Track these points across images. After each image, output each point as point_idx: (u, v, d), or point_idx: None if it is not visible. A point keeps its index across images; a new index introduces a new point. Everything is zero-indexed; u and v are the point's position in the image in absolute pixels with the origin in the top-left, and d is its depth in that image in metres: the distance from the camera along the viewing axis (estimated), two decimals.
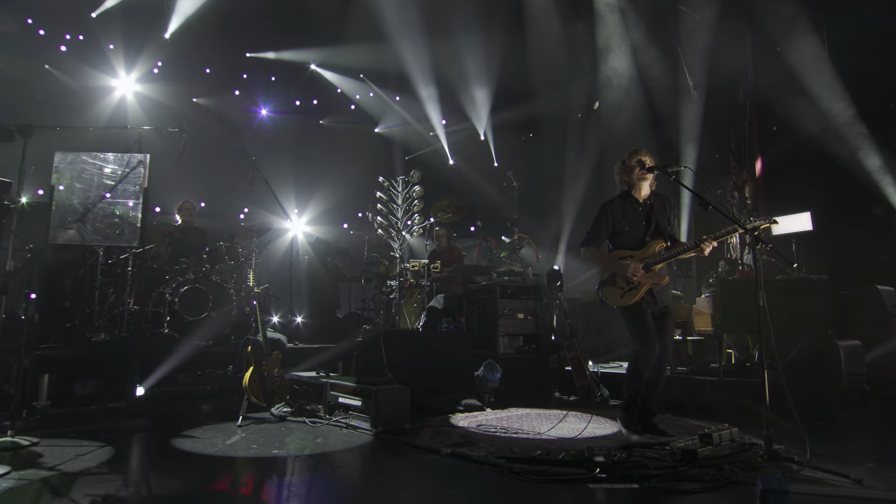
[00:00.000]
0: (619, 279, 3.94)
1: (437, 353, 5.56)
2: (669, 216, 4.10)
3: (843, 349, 4.69)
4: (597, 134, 11.36)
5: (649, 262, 3.90)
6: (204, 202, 11.02)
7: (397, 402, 4.21)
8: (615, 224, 4.03)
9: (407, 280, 7.19)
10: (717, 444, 3.47)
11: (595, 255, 4.03)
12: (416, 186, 7.33)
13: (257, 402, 4.30)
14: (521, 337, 6.13)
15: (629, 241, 4.02)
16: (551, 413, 5.02)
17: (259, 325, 4.47)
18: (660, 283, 3.92)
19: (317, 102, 12.87)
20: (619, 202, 4.07)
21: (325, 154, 12.53)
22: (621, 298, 3.94)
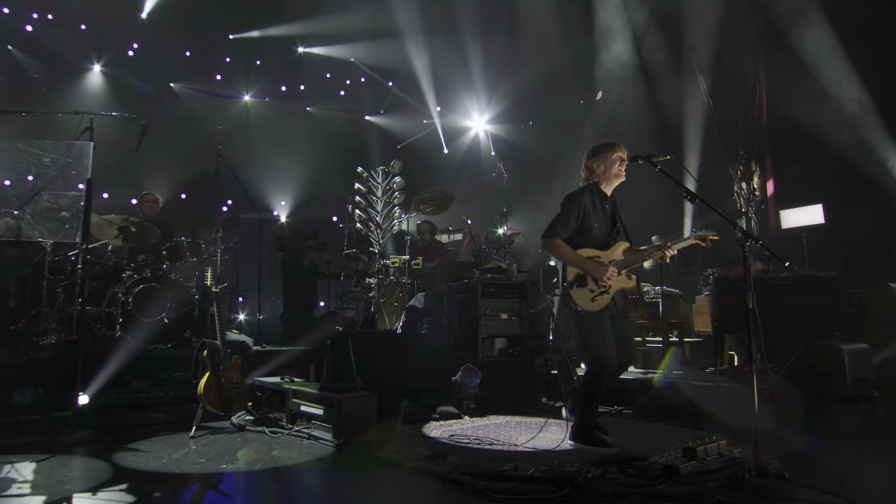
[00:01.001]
0: (590, 281, 3.80)
1: (415, 356, 5.46)
2: (622, 217, 4.04)
3: (847, 353, 4.56)
4: (596, 124, 11.21)
5: (619, 264, 3.80)
6: (185, 194, 10.98)
7: (362, 411, 4.10)
8: (585, 219, 3.86)
9: (387, 277, 7.07)
10: (702, 458, 3.35)
11: (564, 250, 3.82)
12: (397, 177, 7.23)
13: (214, 411, 4.19)
14: (505, 339, 6.01)
15: (595, 239, 3.88)
16: (533, 421, 4.91)
17: (217, 327, 4.36)
18: (628, 287, 3.83)
19: (304, 88, 12.72)
20: (590, 196, 3.92)
21: (312, 142, 12.41)
22: (592, 302, 3.80)
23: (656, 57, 10.46)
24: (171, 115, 10.52)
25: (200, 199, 10.60)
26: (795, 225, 9.10)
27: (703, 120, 10.19)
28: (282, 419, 4.42)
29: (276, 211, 12.22)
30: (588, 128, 11.17)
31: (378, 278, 6.83)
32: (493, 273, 6.37)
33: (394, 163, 7.22)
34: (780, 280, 6.36)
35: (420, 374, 5.36)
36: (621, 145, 3.95)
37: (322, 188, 11.01)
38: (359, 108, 13.36)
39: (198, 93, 11.31)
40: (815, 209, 8.95)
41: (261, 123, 12.07)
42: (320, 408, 4.11)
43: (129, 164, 9.36)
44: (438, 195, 7.28)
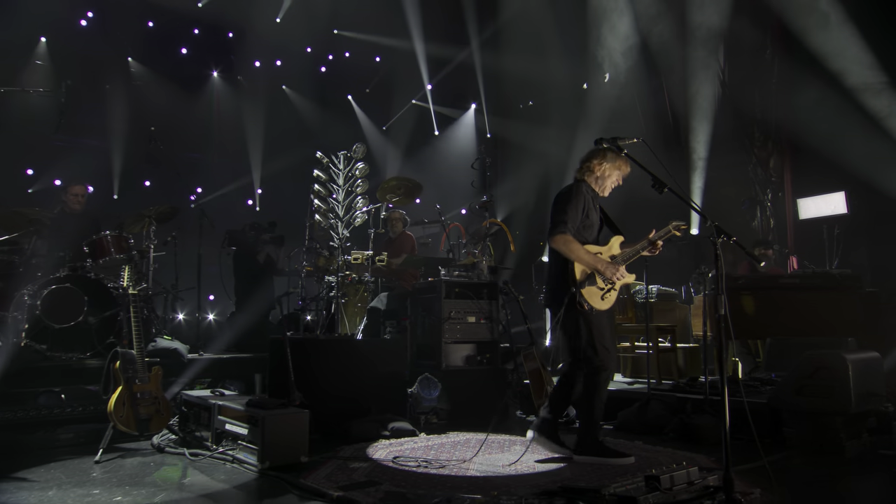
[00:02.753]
0: (598, 278, 3.89)
1: (369, 365, 5.29)
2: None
3: (851, 364, 4.35)
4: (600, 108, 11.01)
5: (620, 259, 3.94)
6: (149, 181, 10.83)
7: (292, 430, 3.94)
8: (588, 214, 4.00)
9: (348, 275, 6.90)
10: (666, 488, 3.17)
11: (575, 246, 3.85)
12: (360, 163, 7.02)
13: (126, 431, 4.03)
14: (473, 344, 5.84)
15: (592, 236, 4.02)
16: (496, 439, 4.75)
17: (133, 335, 4.19)
18: (631, 282, 4.05)
19: (280, 64, 12.51)
20: (590, 192, 4.07)
21: (288, 124, 12.24)
22: (602, 301, 3.92)
23: (661, 29, 10.22)
24: (121, 94, 10.34)
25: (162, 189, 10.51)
26: (815, 215, 8.89)
27: (714, 97, 9.98)
28: (207, 439, 4.26)
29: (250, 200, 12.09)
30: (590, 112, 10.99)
31: (339, 276, 6.65)
32: (461, 271, 6.19)
33: (356, 147, 7.00)
34: (788, 279, 6.17)
35: (374, 385, 5.21)
36: (629, 164, 3.95)
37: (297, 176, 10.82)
38: (342, 87, 13.18)
39: (156, 69, 11.08)
40: (836, 197, 8.73)
41: (229, 104, 11.89)
42: (245, 427, 3.95)
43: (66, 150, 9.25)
44: (406, 183, 7.10)
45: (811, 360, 4.55)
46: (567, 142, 10.55)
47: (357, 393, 5.10)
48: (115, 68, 10.53)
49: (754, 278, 6.28)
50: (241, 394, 5.30)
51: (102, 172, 10.24)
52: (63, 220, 5.72)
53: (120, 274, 4.20)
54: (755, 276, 6.49)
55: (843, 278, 6.04)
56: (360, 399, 5.08)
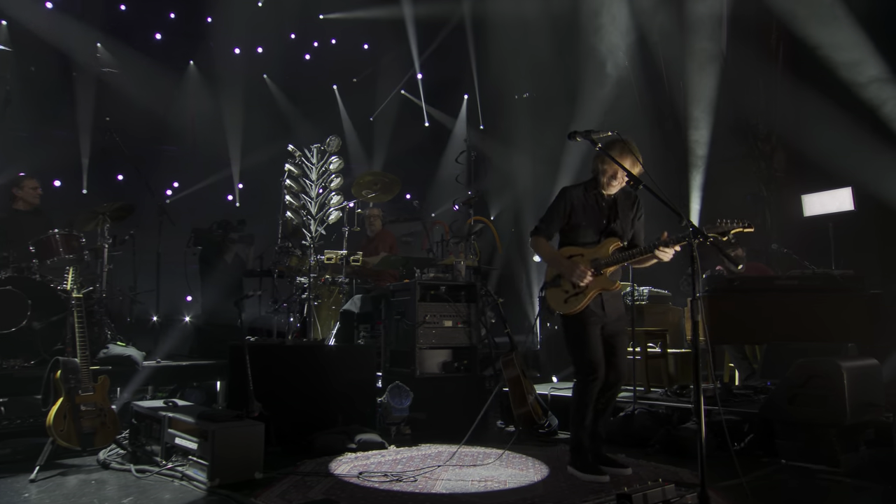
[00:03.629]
0: (564, 280, 3.90)
1: (339, 372, 5.21)
2: (634, 218, 4.05)
3: (847, 372, 4.26)
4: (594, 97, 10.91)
5: (600, 263, 3.84)
6: (122, 175, 10.71)
7: (246, 445, 3.84)
8: (572, 216, 4.00)
9: (321, 276, 6.80)
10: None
11: (544, 248, 4.03)
12: (335, 157, 6.93)
13: (67, 446, 3.93)
14: (450, 350, 5.75)
15: (582, 238, 4.00)
16: (470, 452, 4.67)
17: (77, 342, 4.09)
18: (609, 289, 3.86)
19: (262, 51, 12.39)
20: (583, 191, 4.03)
21: (269, 115, 12.12)
22: (565, 304, 3.91)
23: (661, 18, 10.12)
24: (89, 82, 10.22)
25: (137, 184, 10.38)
26: (820, 212, 8.81)
27: (716, 88, 9.87)
28: (159, 454, 4.17)
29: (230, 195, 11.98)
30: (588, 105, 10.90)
31: (311, 277, 6.56)
32: (441, 271, 6.10)
33: (330, 140, 6.91)
34: (786, 280, 6.08)
35: (342, 394, 5.12)
36: (621, 155, 3.77)
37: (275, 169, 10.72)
38: (327, 76, 13.05)
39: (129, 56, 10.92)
40: (843, 193, 8.64)
41: (206, 93, 11.75)
42: (196, 441, 3.85)
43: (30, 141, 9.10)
44: (382, 179, 6.99)
45: (804, 368, 4.47)
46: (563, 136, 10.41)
47: (323, 403, 5.02)
48: (83, 54, 10.39)
49: (751, 280, 6.19)
50: (201, 404, 5.22)
51: (70, 166, 10.15)
52: (12, 217, 5.60)
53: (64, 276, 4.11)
54: (751, 277, 6.39)
55: (844, 280, 5.96)
56: (327, 409, 5.00)
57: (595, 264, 3.84)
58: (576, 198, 4.00)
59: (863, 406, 4.39)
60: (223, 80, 11.73)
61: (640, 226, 4.07)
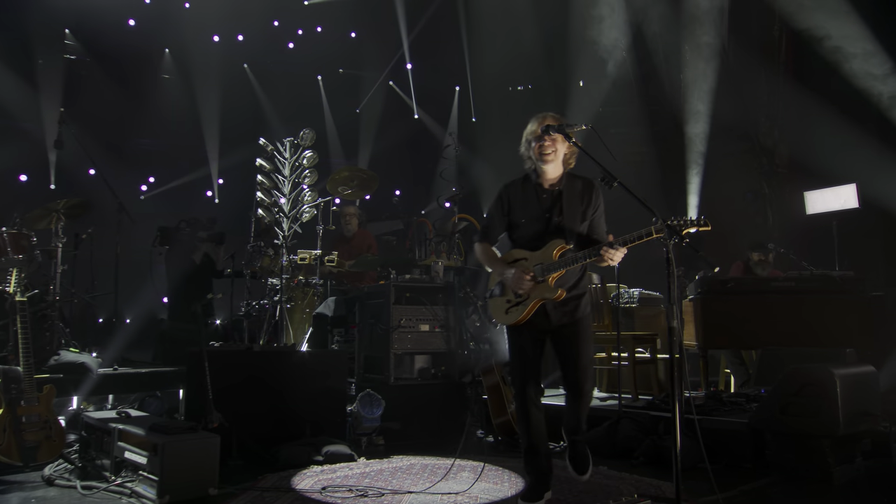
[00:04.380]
0: (506, 289, 3.65)
1: (308, 380, 5.16)
2: (586, 210, 3.63)
3: (840, 379, 4.20)
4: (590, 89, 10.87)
5: (543, 269, 3.52)
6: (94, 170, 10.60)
7: (199, 458, 3.77)
8: (511, 214, 3.71)
9: (294, 277, 6.73)
10: None
11: (484, 254, 3.76)
12: (308, 152, 6.86)
13: (7, 461, 3.84)
14: (427, 356, 5.70)
15: (527, 238, 3.67)
16: (444, 464, 4.60)
17: (21, 349, 4.00)
18: (551, 298, 3.50)
19: (242, 39, 12.26)
20: (520, 186, 3.73)
21: (250, 107, 12.02)
22: (506, 315, 3.63)
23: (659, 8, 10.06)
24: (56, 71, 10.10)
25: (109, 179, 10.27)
26: (823, 210, 8.76)
27: (716, 79, 9.80)
28: (108, 468, 4.08)
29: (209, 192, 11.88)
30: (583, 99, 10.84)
31: (283, 278, 6.48)
32: (420, 273, 6.03)
33: (304, 133, 6.84)
34: (782, 282, 6.02)
35: (311, 403, 5.07)
36: (538, 117, 3.61)
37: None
38: (311, 66, 12.94)
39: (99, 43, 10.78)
40: (847, 190, 8.59)
41: (183, 84, 11.64)
42: (145, 455, 3.77)
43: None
44: (359, 175, 6.93)
45: (796, 376, 4.42)
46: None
47: (290, 412, 4.96)
48: (50, 41, 10.25)
49: (745, 281, 6.13)
50: (161, 414, 5.14)
51: (38, 160, 10.03)
52: None
53: (8, 276, 4.02)
54: (746, 279, 6.33)
55: (843, 281, 5.92)
56: (294, 419, 4.94)
57: (537, 270, 3.52)
58: (513, 193, 3.71)
59: (858, 415, 4.33)
60: (201, 69, 11.59)
61: (598, 220, 3.66)
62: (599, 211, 3.67)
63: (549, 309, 3.56)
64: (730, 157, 10.08)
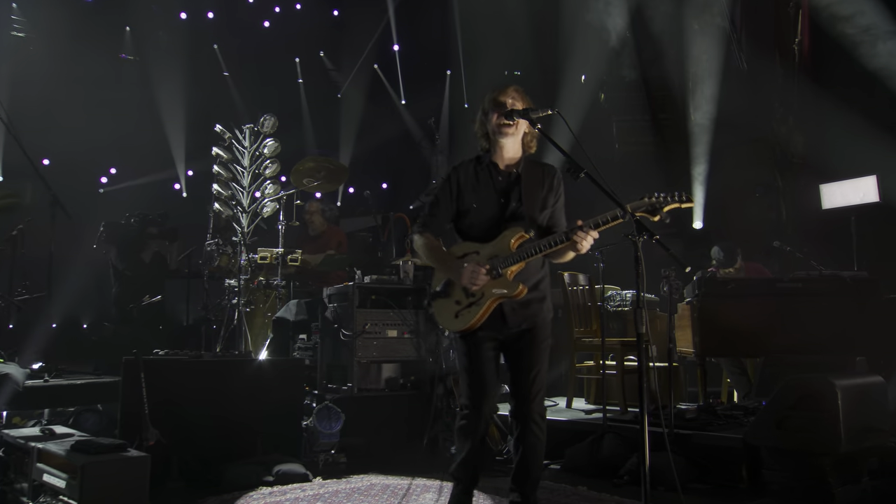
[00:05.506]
0: (454, 288, 3.35)
1: (261, 391, 5.07)
2: (547, 197, 3.48)
3: (841, 391, 4.11)
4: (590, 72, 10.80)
5: (499, 262, 3.29)
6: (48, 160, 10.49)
7: (127, 481, 3.68)
8: (460, 199, 3.46)
9: (254, 278, 6.65)
10: None
11: (425, 246, 3.45)
12: (270, 140, 6.80)
13: None
14: (396, 364, 5.66)
15: (478, 227, 3.44)
16: (406, 485, 4.53)
17: None
18: (511, 295, 3.28)
19: (213, 17, 12.15)
20: (472, 167, 3.51)
21: (220, 92, 11.92)
22: (456, 319, 3.34)
23: None
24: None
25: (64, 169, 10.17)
26: (841, 204, 8.67)
27: (724, 62, 9.73)
28: (26, 493, 4.00)
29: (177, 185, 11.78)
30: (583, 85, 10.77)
31: (240, 279, 6.40)
32: (390, 273, 5.97)
33: (265, 118, 6.78)
34: (788, 283, 5.93)
35: (263, 418, 4.97)
36: (499, 88, 3.45)
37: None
38: (288, 48, 12.84)
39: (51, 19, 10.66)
40: (866, 182, 8.50)
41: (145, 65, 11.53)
42: (65, 477, 3.68)
43: None
44: (326, 165, 6.85)
45: (793, 387, 4.35)
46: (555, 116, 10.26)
47: (240, 428, 4.87)
48: None
49: (746, 282, 6.05)
50: (98, 430, 5.06)
51: None
52: None
53: None
54: (748, 279, 6.25)
55: (855, 283, 5.83)
56: (244, 435, 4.85)
57: (493, 263, 3.27)
58: (463, 174, 3.47)
59: (862, 430, 4.26)
60: (166, 50, 11.49)
61: (558, 209, 3.50)
62: (561, 201, 3.51)
63: (506, 311, 3.33)
64: (740, 147, 10.01)
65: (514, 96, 3.43)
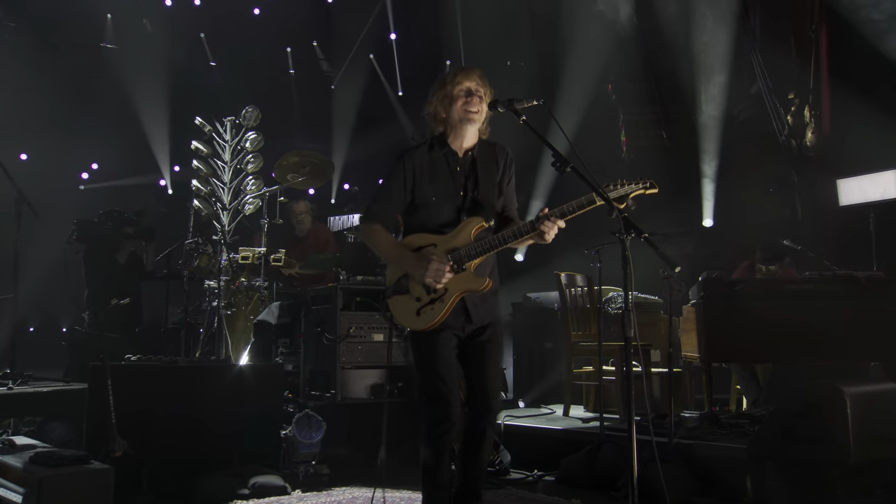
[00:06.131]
0: (413, 284, 3.28)
1: (238, 399, 5.06)
2: (502, 179, 3.46)
3: (851, 399, 4.07)
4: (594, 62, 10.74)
5: (461, 254, 3.23)
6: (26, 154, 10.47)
7: (88, 496, 3.64)
8: (417, 190, 3.38)
9: (235, 279, 6.62)
10: None
11: (378, 238, 3.39)
12: (252, 133, 6.79)
13: None
14: (382, 370, 5.65)
15: (435, 217, 3.36)
16: (393, 498, 4.55)
17: None
18: (476, 290, 3.24)
19: (199, 4, 12.13)
20: (427, 153, 3.41)
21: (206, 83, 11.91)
22: (417, 317, 3.27)
23: None
24: None
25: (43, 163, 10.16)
26: (859, 200, 8.62)
27: (735, 48, 9.68)
28: None
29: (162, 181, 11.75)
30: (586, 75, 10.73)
31: (220, 281, 6.37)
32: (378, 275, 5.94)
33: (247, 111, 6.76)
34: (798, 284, 5.89)
35: (240, 427, 4.94)
36: (466, 71, 3.39)
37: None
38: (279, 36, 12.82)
39: None
40: (886, 177, 8.47)
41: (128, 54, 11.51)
42: (22, 492, 3.65)
43: None
44: (311, 160, 6.83)
45: (800, 394, 4.31)
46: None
47: (215, 438, 4.86)
48: None
49: (755, 284, 6.00)
50: (65, 441, 5.03)
51: None
52: None
53: None
54: (757, 280, 6.20)
55: (871, 284, 5.78)
56: (220, 446, 4.84)
57: (455, 257, 3.21)
58: (418, 161, 3.37)
59: (874, 441, 4.21)
60: (150, 38, 11.49)
61: (511, 193, 3.47)
62: (512, 182, 3.49)
63: (469, 306, 3.29)
64: (753, 141, 9.97)
65: (479, 82, 3.39)
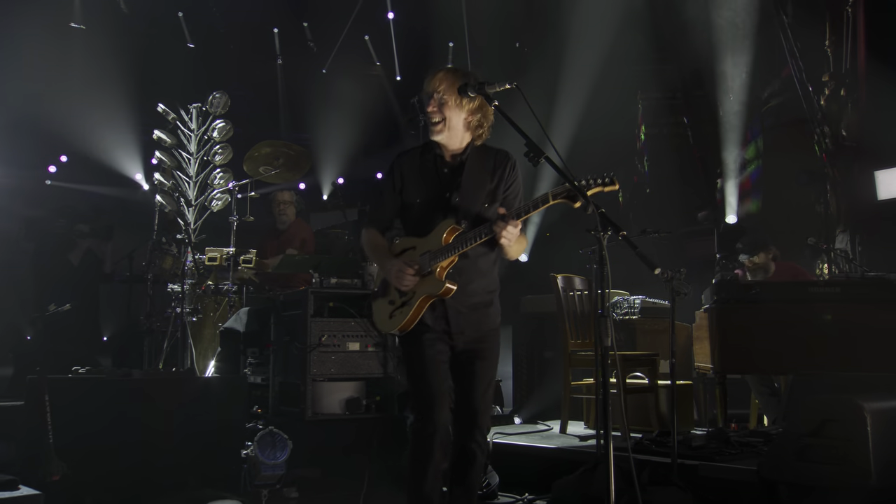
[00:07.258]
0: (390, 287, 3.55)
1: (197, 415, 5.07)
2: (497, 189, 3.58)
3: (871, 416, 4.01)
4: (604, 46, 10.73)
5: (426, 258, 3.44)
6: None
7: None
8: (405, 192, 3.63)
9: (201, 283, 6.61)
10: None
11: (368, 243, 3.69)
12: (220, 122, 6.77)
13: None
14: (358, 383, 5.64)
15: (421, 223, 3.57)
16: None
17: None
18: (437, 294, 3.39)
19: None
20: (418, 157, 3.68)
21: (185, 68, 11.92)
22: (390, 319, 3.52)
23: None
24: None
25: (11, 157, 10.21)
26: (890, 196, 8.61)
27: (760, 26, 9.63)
28: None
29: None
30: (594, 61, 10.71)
31: (184, 284, 6.36)
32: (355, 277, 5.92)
33: (214, 96, 6.74)
34: (824, 287, 5.81)
35: (196, 446, 4.97)
36: (432, 73, 3.54)
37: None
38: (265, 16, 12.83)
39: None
40: None
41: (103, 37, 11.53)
42: None
43: None
44: (285, 151, 6.83)
45: (816, 410, 4.25)
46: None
47: (168, 458, 4.88)
48: None
49: (774, 287, 5.92)
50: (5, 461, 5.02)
51: None
52: None
53: None
54: (775, 284, 6.12)
55: None
56: (174, 468, 4.87)
57: (421, 259, 3.43)
58: (407, 165, 3.63)
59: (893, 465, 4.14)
60: (124, 19, 11.50)
61: (511, 199, 3.57)
62: (514, 188, 3.59)
63: (450, 314, 3.46)
64: (782, 129, 9.92)
65: (439, 84, 3.50)
